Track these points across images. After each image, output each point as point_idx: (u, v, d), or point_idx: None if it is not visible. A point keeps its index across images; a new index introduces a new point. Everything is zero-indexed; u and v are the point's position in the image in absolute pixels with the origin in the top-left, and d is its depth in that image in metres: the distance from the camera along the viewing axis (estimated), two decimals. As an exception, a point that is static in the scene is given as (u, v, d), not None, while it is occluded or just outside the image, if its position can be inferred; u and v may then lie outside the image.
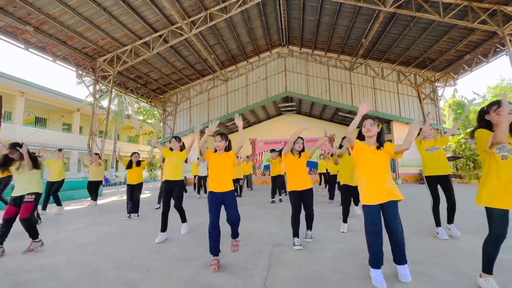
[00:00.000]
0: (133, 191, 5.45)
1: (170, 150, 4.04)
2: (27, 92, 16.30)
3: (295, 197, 3.23)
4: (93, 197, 7.40)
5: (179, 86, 16.27)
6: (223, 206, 2.81)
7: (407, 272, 2.17)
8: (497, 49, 10.66)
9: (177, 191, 3.82)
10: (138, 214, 5.46)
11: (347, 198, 4.15)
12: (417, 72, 14.10)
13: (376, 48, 12.73)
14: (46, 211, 6.12)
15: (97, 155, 7.62)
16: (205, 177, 9.17)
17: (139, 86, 15.08)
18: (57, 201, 6.30)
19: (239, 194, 8.88)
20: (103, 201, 7.86)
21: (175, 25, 10.54)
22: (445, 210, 3.45)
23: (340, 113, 15.04)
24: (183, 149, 4.09)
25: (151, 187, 15.71)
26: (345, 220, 3.97)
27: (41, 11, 8.51)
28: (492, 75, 56.77)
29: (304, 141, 3.48)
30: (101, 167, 7.48)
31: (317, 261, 2.68)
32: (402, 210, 5.28)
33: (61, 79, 77.00)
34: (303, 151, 3.43)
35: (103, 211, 6.44)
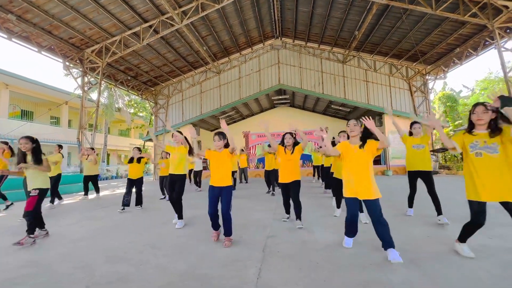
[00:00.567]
0: (133, 185, 5.69)
1: (173, 146, 4.29)
2: (12, 84, 15.71)
3: (284, 188, 3.86)
4: (95, 190, 7.72)
5: (170, 78, 15.96)
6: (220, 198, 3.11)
7: (395, 253, 2.38)
8: (487, 43, 10.83)
9: (179, 184, 4.08)
10: (141, 205, 5.81)
11: (339, 189, 4.30)
12: (409, 65, 14.23)
13: (369, 40, 12.73)
14: (54, 204, 6.31)
15: (93, 149, 7.76)
16: (200, 171, 9.22)
17: (129, 78, 14.73)
18: (56, 195, 6.55)
19: (234, 187, 8.90)
20: (95, 196, 7.75)
21: (166, 15, 10.25)
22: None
23: (333, 106, 15.11)
24: (187, 139, 4.33)
25: (144, 181, 15.57)
26: (338, 206, 4.31)
27: (24, -1, 8.13)
28: (480, 68, 57.91)
29: (295, 135, 3.84)
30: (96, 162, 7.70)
31: (310, 251, 2.73)
32: (392, 201, 5.45)
33: (48, 71, 74.46)
34: (296, 144, 3.64)
35: (96, 205, 6.37)
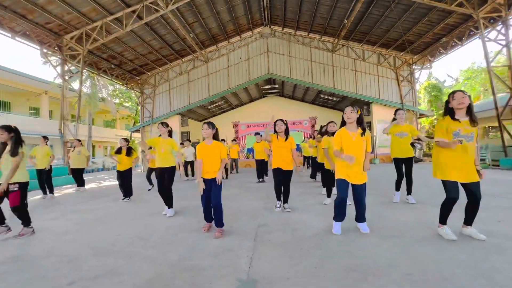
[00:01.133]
0: (122, 177, 5.60)
1: (157, 137, 4.19)
2: (-15, 73, 14.77)
3: (278, 173, 3.82)
4: (80, 183, 7.51)
5: (156, 67, 15.44)
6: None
7: (365, 226, 2.85)
8: (471, 32, 11.03)
9: (168, 176, 4.06)
10: (130, 197, 5.64)
11: (329, 180, 4.50)
12: (396, 54, 14.36)
13: (358, 29, 12.69)
14: (48, 194, 6.35)
15: (79, 141, 7.62)
16: (191, 162, 9.17)
17: (113, 66, 14.11)
18: (49, 188, 6.44)
19: (226, 177, 8.98)
20: (78, 189, 7.54)
21: (150, -1, 9.78)
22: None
23: (322, 95, 15.16)
24: (172, 133, 4.27)
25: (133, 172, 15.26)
26: (328, 195, 4.44)
27: (-7, -21, 7.52)
28: (464, 58, 59.40)
29: (286, 122, 3.91)
30: (84, 153, 7.56)
31: (300, 239, 2.76)
32: (378, 188, 5.60)
33: (24, 59, 70.32)
34: (287, 132, 3.70)
35: (82, 198, 6.20)
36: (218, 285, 1.92)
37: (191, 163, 9.29)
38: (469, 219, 2.59)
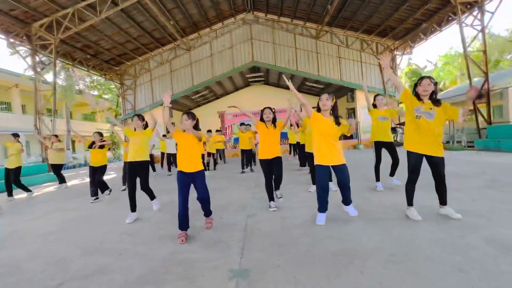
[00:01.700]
0: (95, 173, 5.08)
1: (133, 129, 3.76)
2: None
3: (266, 165, 3.59)
4: (59, 180, 7.27)
5: (136, 56, 14.78)
6: (193, 185, 2.86)
7: (353, 209, 2.90)
8: (450, 18, 11.30)
9: (142, 172, 3.61)
10: (99, 197, 5.11)
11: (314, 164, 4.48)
12: (379, 40, 14.52)
13: (341, 15, 12.65)
14: (14, 197, 5.97)
15: (56, 137, 7.30)
16: (174, 154, 8.95)
17: (88, 57, 13.37)
18: (23, 189, 6.09)
19: (214, 168, 8.95)
20: (59, 186, 7.27)
21: (125, -16, 9.22)
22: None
23: (307, 82, 15.20)
24: (147, 127, 3.79)
25: (116, 167, 14.87)
26: (314, 182, 4.43)
27: None
28: (443, 44, 61.16)
29: (274, 111, 3.76)
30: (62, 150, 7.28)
31: (290, 227, 2.83)
32: (361, 172, 5.78)
33: (-11, 49, 64.83)
34: (275, 120, 3.62)
35: (64, 196, 5.99)
36: (210, 276, 1.95)
37: (174, 156, 9.08)
38: (441, 199, 2.77)
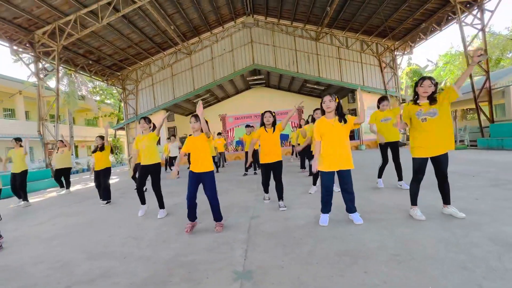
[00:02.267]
0: (99, 177, 5.17)
1: (140, 134, 3.99)
2: (-50, 73, 13.76)
3: (266, 169, 3.79)
4: (66, 185, 7.35)
5: (138, 61, 14.92)
6: (202, 184, 3.00)
7: (358, 217, 2.81)
8: (449, 17, 11.31)
9: (153, 174, 3.85)
10: (109, 201, 5.15)
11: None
12: (379, 41, 14.55)
13: (340, 17, 12.71)
14: (21, 201, 5.91)
15: (62, 142, 7.38)
16: (175, 157, 9.10)
17: (91, 62, 13.50)
18: (24, 195, 6.00)
19: (216, 170, 9.03)
20: (65, 191, 7.32)
21: (126, -10, 9.34)
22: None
23: (308, 84, 15.23)
24: (155, 128, 4.00)
25: (118, 171, 14.96)
26: (314, 183, 4.50)
27: (-51, -29, 6.91)
28: (443, 43, 61.15)
29: (274, 114, 3.78)
30: (67, 153, 7.36)
31: (292, 228, 2.83)
32: (364, 173, 5.76)
33: (-7, 56, 65.62)
34: (275, 123, 3.64)
35: (68, 201, 6.03)
36: (215, 278, 1.96)
37: (175, 159, 9.23)
38: (445, 198, 2.76)
